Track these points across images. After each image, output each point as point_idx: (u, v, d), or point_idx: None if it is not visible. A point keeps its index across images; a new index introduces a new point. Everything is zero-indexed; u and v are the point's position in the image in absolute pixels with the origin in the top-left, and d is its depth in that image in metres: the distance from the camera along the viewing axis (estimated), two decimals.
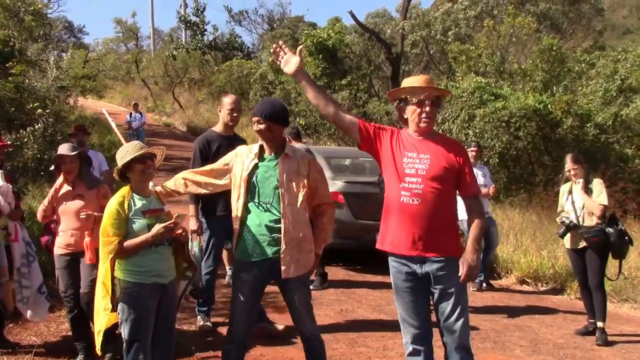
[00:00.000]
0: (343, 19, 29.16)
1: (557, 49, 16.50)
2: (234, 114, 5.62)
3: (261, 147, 3.95)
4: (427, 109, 3.52)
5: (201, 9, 34.37)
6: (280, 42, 3.76)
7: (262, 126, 3.84)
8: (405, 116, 3.63)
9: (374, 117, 20.03)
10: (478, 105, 14.52)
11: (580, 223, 6.06)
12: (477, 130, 14.04)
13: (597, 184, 6.10)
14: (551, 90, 15.90)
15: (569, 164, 6.16)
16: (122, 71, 38.54)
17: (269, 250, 3.81)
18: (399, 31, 21.90)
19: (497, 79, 16.49)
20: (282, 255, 3.79)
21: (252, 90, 26.13)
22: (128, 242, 3.65)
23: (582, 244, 6.07)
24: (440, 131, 14.89)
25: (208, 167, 4.13)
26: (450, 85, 15.56)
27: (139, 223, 3.70)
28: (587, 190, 6.05)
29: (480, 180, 7.72)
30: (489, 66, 17.10)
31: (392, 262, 3.61)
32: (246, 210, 3.85)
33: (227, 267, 7.47)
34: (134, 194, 3.80)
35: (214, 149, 5.49)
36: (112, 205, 3.72)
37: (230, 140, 5.48)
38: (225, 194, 4.47)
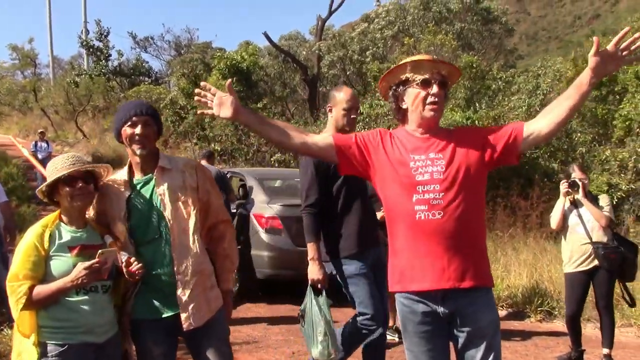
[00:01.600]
0: (254, 43, 28.43)
1: (477, 66, 16.47)
2: (352, 115, 3.95)
3: (129, 171, 3.04)
4: (435, 89, 2.69)
5: (105, 34, 32.72)
6: (202, 84, 2.79)
7: (139, 128, 2.92)
8: (404, 105, 2.78)
9: None
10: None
11: (592, 239, 5.41)
12: None
13: (605, 198, 5.58)
14: (474, 106, 15.78)
15: (577, 172, 5.55)
16: (19, 100, 36.03)
17: (169, 301, 2.93)
18: (315, 52, 21.46)
19: None
20: (179, 300, 2.91)
21: (163, 116, 24.86)
22: (39, 289, 2.65)
23: (593, 263, 5.42)
24: None
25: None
26: (375, 103, 15.09)
27: (61, 262, 2.71)
28: (593, 201, 5.48)
29: None
30: None
31: (402, 300, 2.73)
32: (138, 256, 2.92)
33: None
34: (62, 224, 2.81)
35: (332, 164, 3.71)
36: (28, 238, 2.74)
37: None
38: (362, 222, 3.79)
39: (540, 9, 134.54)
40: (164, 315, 2.93)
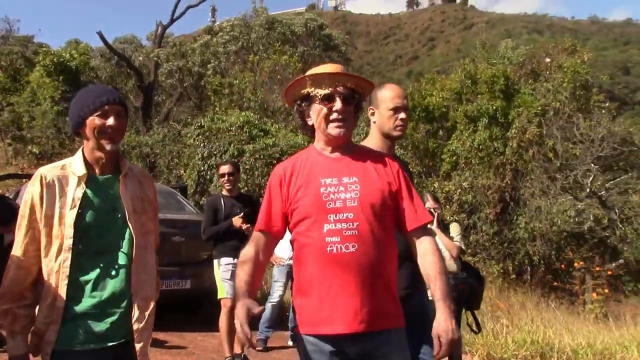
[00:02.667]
0: (84, 42, 26.56)
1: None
2: (401, 116, 3.09)
3: (87, 164, 2.47)
4: (338, 105, 2.41)
5: None
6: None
7: (112, 119, 2.41)
8: (310, 122, 2.51)
9: (127, 149, 18.29)
10: (247, 140, 13.86)
11: None
12: (247, 167, 13.30)
13: (456, 227, 5.65)
14: None
15: (431, 202, 5.53)
16: None
17: (121, 329, 2.39)
18: (152, 59, 20.54)
19: (262, 116, 16.06)
20: (135, 327, 2.41)
21: None
22: None
23: None
24: (204, 168, 13.89)
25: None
26: (217, 117, 14.67)
27: None
28: (444, 231, 5.53)
29: None
30: (253, 102, 16.62)
31: (309, 339, 2.39)
32: (77, 269, 2.36)
33: None
34: None
35: None
36: None
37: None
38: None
39: (366, 44, 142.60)
40: (109, 344, 2.36)
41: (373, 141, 3.12)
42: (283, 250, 6.80)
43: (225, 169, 6.13)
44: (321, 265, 2.33)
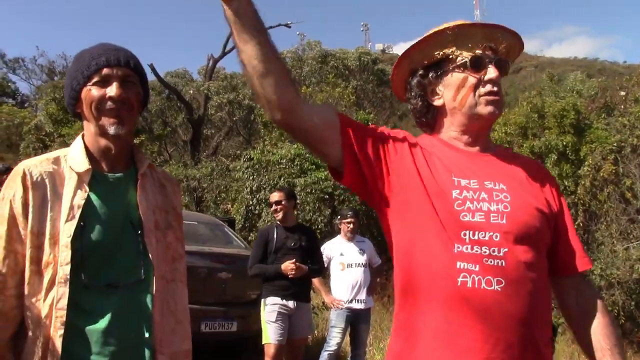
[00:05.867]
0: None
1: (373, 124, 16.07)
2: None
3: (90, 156, 1.67)
4: (493, 74, 1.60)
5: None
6: None
7: (115, 87, 1.62)
8: (438, 101, 1.67)
9: None
10: (298, 173, 13.16)
11: None
12: (297, 202, 12.59)
13: None
14: None
15: None
16: None
17: None
18: (203, 92, 20.25)
19: None
20: None
21: (24, 142, 22.59)
22: None
23: None
24: (253, 202, 13.21)
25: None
26: (267, 150, 14.04)
27: None
28: None
29: (363, 258, 6.13)
30: None
31: None
32: (79, 312, 1.55)
33: None
34: None
35: None
36: None
37: None
38: None
39: None
40: None
41: None
42: (342, 291, 5.99)
43: (274, 196, 5.45)
44: (443, 302, 1.48)
